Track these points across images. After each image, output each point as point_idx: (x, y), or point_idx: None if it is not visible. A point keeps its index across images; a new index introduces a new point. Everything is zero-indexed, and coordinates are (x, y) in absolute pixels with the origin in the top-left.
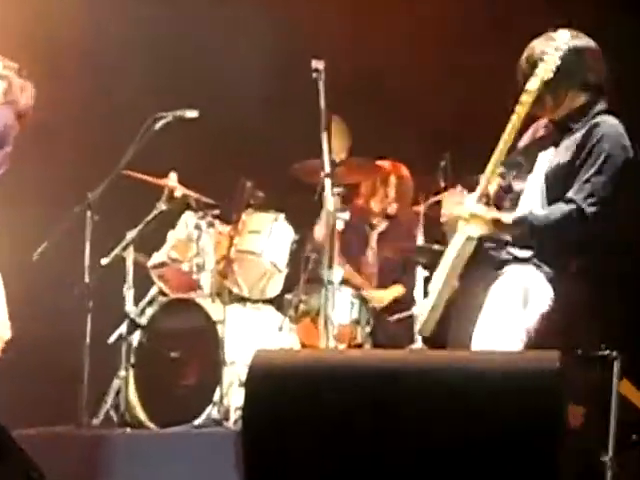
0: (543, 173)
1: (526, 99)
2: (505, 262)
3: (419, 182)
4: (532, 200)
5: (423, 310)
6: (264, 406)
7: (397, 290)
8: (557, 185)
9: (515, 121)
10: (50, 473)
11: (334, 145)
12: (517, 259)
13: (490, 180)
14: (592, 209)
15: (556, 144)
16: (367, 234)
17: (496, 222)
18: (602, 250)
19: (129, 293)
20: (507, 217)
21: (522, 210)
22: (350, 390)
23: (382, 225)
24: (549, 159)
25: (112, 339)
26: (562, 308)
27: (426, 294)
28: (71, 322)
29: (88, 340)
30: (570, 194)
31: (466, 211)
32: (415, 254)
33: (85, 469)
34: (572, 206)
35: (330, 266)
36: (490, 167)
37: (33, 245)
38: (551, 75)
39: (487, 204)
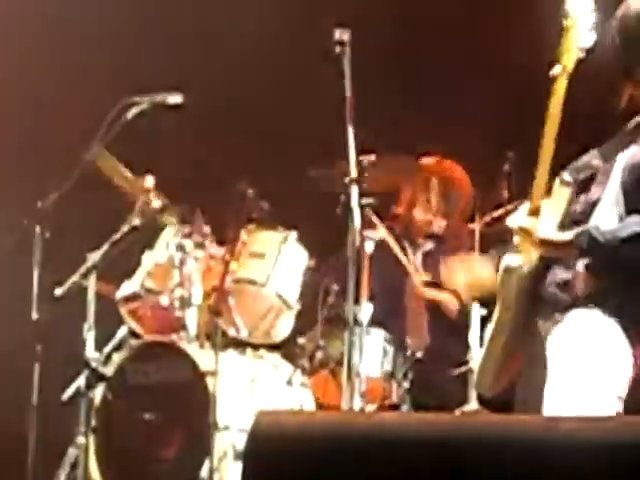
0: (619, 177)
1: (554, 87)
2: (571, 305)
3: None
4: (606, 212)
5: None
6: None
7: (452, 299)
8: (636, 193)
9: (549, 119)
10: None
11: None
12: (582, 301)
13: (538, 192)
14: None
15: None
16: (407, 253)
17: (545, 243)
18: None
19: (90, 334)
20: (563, 235)
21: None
22: (383, 467)
23: (427, 245)
24: (626, 160)
25: (67, 395)
26: None
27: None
28: (14, 372)
29: (35, 396)
30: None
31: (515, 224)
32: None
33: None
34: None
35: (357, 301)
36: (538, 175)
37: None
38: (579, 51)
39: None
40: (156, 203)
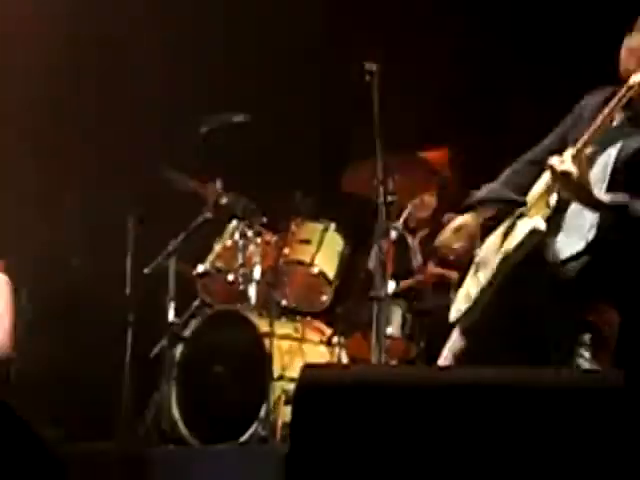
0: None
1: None
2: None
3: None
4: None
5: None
6: (313, 425)
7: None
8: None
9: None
10: None
11: None
12: None
13: (587, 138)
14: None
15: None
16: (407, 242)
17: (587, 195)
18: None
19: (171, 304)
20: (603, 196)
21: (620, 195)
22: (401, 408)
23: (424, 230)
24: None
25: (154, 352)
26: None
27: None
28: (108, 337)
29: (129, 353)
30: None
31: (558, 168)
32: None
33: None
34: None
35: (383, 278)
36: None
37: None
38: None
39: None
40: (224, 201)
